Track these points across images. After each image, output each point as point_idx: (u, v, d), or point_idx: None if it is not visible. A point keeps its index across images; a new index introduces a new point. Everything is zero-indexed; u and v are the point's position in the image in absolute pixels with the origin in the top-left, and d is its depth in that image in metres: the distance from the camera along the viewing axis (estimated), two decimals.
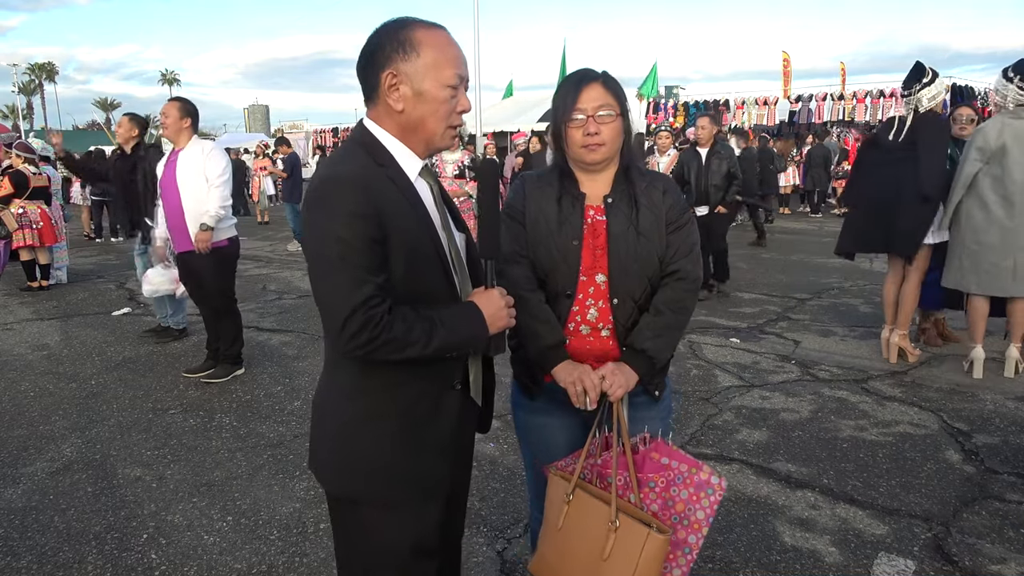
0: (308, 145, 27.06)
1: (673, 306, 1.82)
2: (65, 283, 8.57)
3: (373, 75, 1.45)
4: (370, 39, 1.46)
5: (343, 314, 1.32)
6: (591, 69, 1.84)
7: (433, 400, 1.52)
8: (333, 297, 1.35)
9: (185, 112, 4.72)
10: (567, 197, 1.85)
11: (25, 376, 5.06)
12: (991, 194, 4.45)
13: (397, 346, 1.37)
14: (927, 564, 2.65)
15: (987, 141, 4.45)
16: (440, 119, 1.47)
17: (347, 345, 1.35)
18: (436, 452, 1.54)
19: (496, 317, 1.49)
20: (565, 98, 1.80)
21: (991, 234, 4.47)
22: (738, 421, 4.03)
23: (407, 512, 1.54)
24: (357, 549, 1.58)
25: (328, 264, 1.34)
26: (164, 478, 3.45)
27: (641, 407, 1.88)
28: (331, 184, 1.38)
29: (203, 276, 4.77)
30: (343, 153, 1.49)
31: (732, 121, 19.69)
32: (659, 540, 1.57)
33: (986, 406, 4.17)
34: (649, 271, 1.82)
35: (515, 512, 3.06)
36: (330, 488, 1.58)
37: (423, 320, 1.39)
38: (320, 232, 1.35)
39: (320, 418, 1.57)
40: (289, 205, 11.71)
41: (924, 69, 4.72)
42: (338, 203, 1.34)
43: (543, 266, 1.84)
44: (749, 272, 8.53)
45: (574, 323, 1.84)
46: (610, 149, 1.80)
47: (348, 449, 1.50)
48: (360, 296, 1.32)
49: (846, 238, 5.11)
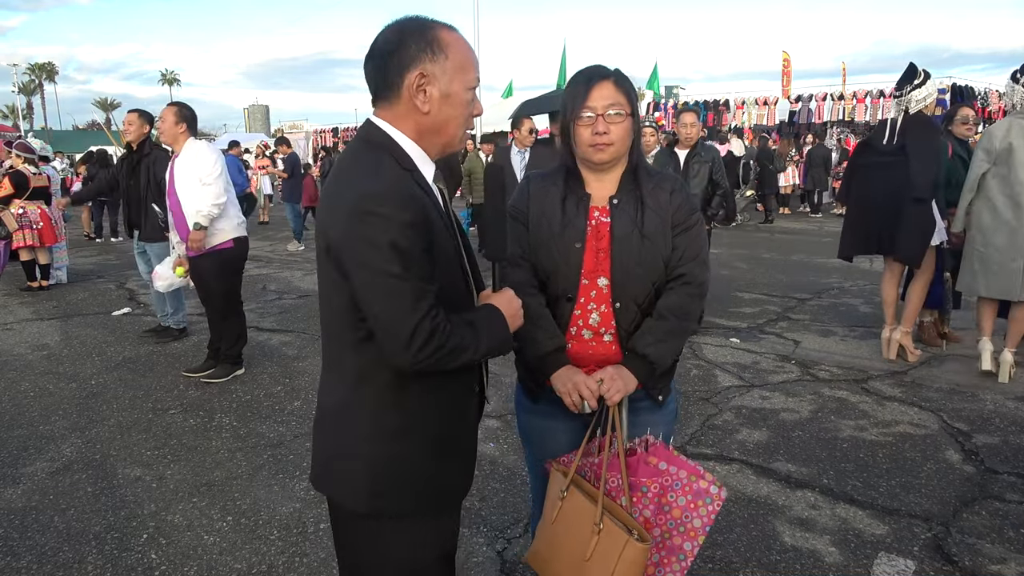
0: (308, 145, 27.08)
1: (678, 311, 1.78)
2: (65, 283, 8.57)
3: (395, 74, 1.39)
4: (388, 37, 1.41)
5: (410, 327, 1.29)
6: (603, 66, 1.80)
7: (462, 407, 1.52)
8: (398, 311, 1.30)
9: (180, 117, 4.76)
10: (572, 197, 1.81)
11: (25, 376, 5.06)
12: (999, 195, 4.44)
13: (457, 353, 1.35)
14: (927, 564, 2.65)
15: (993, 142, 4.46)
16: (460, 123, 1.45)
17: (416, 357, 1.31)
18: (463, 458, 1.55)
19: (514, 318, 1.50)
20: (575, 95, 1.76)
21: (999, 235, 4.45)
22: (738, 421, 4.03)
23: (436, 522, 1.52)
24: (382, 565, 1.52)
25: (390, 278, 1.29)
26: (164, 478, 3.45)
27: (644, 411, 1.85)
28: (380, 198, 1.31)
29: (207, 277, 4.77)
30: (370, 161, 1.40)
31: (732, 121, 19.70)
32: (638, 548, 1.56)
33: (986, 406, 4.17)
34: (653, 275, 1.78)
35: (515, 512, 3.06)
36: (356, 506, 1.48)
37: (467, 325, 1.38)
38: (376, 247, 1.29)
39: (338, 435, 1.49)
40: (289, 205, 11.69)
41: (917, 71, 4.74)
42: (392, 215, 1.29)
43: (544, 268, 1.81)
44: (749, 272, 8.53)
45: (576, 327, 1.81)
46: (618, 149, 1.77)
47: (380, 465, 1.45)
48: (424, 307, 1.30)
49: (845, 243, 5.14)
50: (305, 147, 26.25)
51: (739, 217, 14.17)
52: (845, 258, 5.22)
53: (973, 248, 4.61)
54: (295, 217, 11.48)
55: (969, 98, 15.63)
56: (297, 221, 11.43)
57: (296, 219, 11.45)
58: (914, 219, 4.64)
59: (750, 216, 14.75)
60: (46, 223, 8.16)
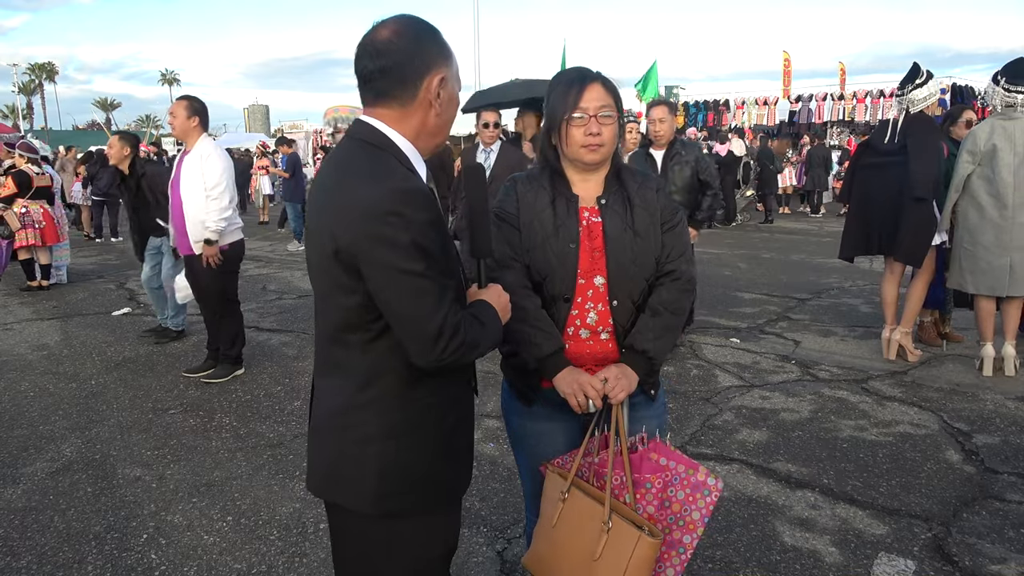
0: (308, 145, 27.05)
1: (671, 307, 1.82)
2: (65, 283, 8.57)
3: (416, 76, 1.40)
4: (402, 39, 1.40)
5: (436, 324, 1.31)
6: (588, 69, 1.82)
7: (458, 405, 1.54)
8: (424, 310, 1.31)
9: (192, 111, 4.62)
10: (560, 199, 1.83)
11: (25, 376, 5.06)
12: (984, 195, 4.52)
13: (473, 347, 1.39)
14: (927, 564, 2.64)
15: (976, 143, 4.54)
16: (453, 123, 1.51)
17: (443, 354, 1.33)
18: (466, 453, 1.57)
19: (504, 312, 1.53)
20: (566, 96, 1.76)
21: (986, 234, 4.52)
22: (738, 421, 4.03)
23: (442, 519, 1.54)
24: (386, 564, 1.51)
25: (415, 277, 1.30)
26: (164, 478, 3.45)
27: (639, 407, 1.87)
28: (398, 197, 1.31)
29: (202, 278, 4.75)
30: (376, 162, 1.39)
31: (732, 121, 19.70)
32: (650, 544, 1.57)
33: (986, 406, 4.17)
34: (646, 272, 1.82)
35: (515, 512, 3.06)
36: (362, 506, 1.46)
37: (474, 320, 1.42)
38: (399, 247, 1.29)
39: (343, 437, 1.47)
40: (290, 205, 11.69)
41: (920, 70, 4.75)
42: (413, 215, 1.30)
43: (540, 270, 1.81)
44: (749, 272, 8.53)
45: (573, 327, 1.82)
46: (608, 150, 1.80)
47: (389, 464, 1.44)
48: (447, 302, 1.33)
49: (846, 243, 5.15)
50: (305, 147, 26.23)
51: (739, 217, 14.20)
52: (846, 259, 5.23)
53: (961, 247, 4.68)
54: (296, 217, 11.46)
55: (969, 98, 15.61)
56: (298, 221, 11.41)
57: (297, 219, 11.44)
58: (915, 219, 4.65)
59: (750, 216, 14.76)
60: (48, 223, 8.18)
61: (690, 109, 20.54)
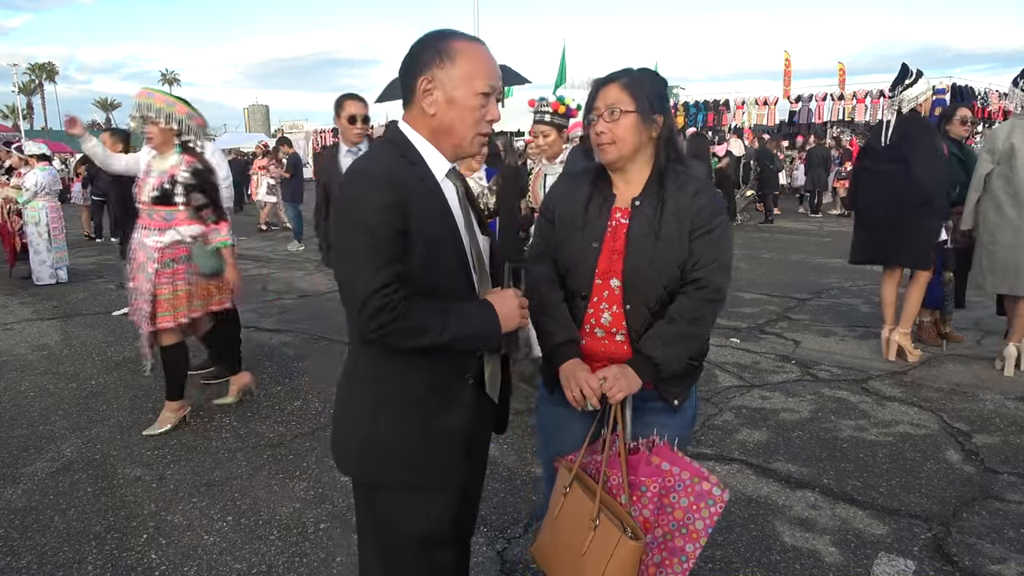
0: (308, 145, 27.06)
1: (688, 316, 1.75)
2: (65, 283, 8.58)
3: (411, 80, 1.54)
4: (412, 47, 1.56)
5: (361, 297, 1.41)
6: (621, 70, 1.82)
7: (443, 392, 1.56)
8: (354, 281, 1.43)
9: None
10: (598, 197, 1.84)
11: (25, 376, 5.06)
12: (1002, 194, 4.57)
13: (411, 333, 1.43)
14: (927, 564, 2.65)
15: (996, 143, 4.59)
16: (468, 126, 1.55)
17: (364, 328, 1.43)
18: (447, 443, 1.58)
19: (509, 317, 1.55)
20: (589, 99, 1.83)
21: (1005, 233, 4.56)
22: (738, 421, 4.03)
23: (419, 500, 1.59)
24: (372, 532, 1.66)
25: (352, 251, 1.43)
26: (164, 478, 3.45)
27: (655, 412, 1.83)
28: (362, 178, 1.47)
29: None
30: (376, 151, 1.60)
31: (732, 121, 19.71)
32: (631, 546, 1.57)
33: (986, 406, 4.17)
34: (666, 278, 1.76)
35: (515, 512, 3.06)
36: (346, 471, 1.65)
37: (437, 311, 1.46)
38: (349, 221, 1.43)
39: (339, 403, 1.65)
40: (291, 205, 11.69)
41: (908, 70, 4.77)
42: (368, 196, 1.42)
43: (563, 264, 1.86)
44: (749, 272, 8.53)
45: (589, 325, 1.83)
46: (622, 148, 1.77)
47: (362, 433, 1.57)
48: (378, 282, 1.40)
49: (856, 250, 5.16)
50: (305, 147, 26.24)
51: (739, 217, 14.20)
52: (856, 263, 5.26)
53: (982, 246, 4.70)
54: (296, 217, 11.46)
55: (969, 98, 15.64)
56: (298, 221, 11.41)
57: (297, 219, 11.43)
58: (918, 224, 4.66)
59: (750, 216, 14.76)
60: None
61: (690, 109, 20.54)
